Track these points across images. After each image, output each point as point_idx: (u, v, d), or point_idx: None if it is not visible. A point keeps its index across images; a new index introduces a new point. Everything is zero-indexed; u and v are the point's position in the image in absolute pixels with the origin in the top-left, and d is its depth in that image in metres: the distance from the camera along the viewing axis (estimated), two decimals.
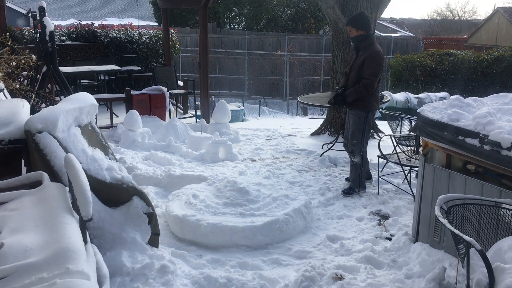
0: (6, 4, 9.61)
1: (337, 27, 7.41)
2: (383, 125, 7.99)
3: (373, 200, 4.88)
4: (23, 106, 3.68)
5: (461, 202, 2.69)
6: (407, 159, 5.09)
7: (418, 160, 4.84)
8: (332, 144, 6.83)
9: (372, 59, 4.71)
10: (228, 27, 21.03)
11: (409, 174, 5.05)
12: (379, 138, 5.12)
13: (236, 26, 21.76)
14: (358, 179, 5.06)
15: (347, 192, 5.03)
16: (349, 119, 5.09)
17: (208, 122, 8.27)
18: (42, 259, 1.83)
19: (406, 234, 3.86)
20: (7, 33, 9.04)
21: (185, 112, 9.85)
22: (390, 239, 3.95)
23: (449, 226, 2.32)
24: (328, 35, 17.29)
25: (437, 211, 2.49)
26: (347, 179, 5.48)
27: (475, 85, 13.05)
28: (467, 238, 2.19)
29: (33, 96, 4.81)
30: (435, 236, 3.51)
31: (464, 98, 3.60)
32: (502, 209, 2.65)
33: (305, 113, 13.68)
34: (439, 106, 3.53)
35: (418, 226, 3.69)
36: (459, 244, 2.35)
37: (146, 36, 11.60)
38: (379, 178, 5.22)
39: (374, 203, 4.81)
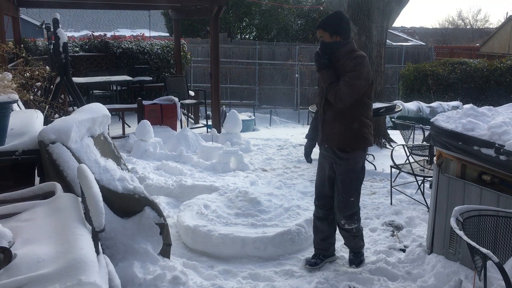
0: (21, 16, 9.77)
1: None
2: (395, 135, 7.93)
3: (386, 211, 4.83)
4: (36, 117, 3.71)
5: (476, 213, 2.64)
6: (420, 169, 5.04)
7: (431, 170, 4.79)
8: None
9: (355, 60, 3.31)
10: (239, 37, 21.12)
11: (422, 185, 4.99)
12: (392, 148, 5.08)
13: (247, 36, 21.84)
14: (362, 241, 3.70)
15: (358, 263, 3.64)
16: (330, 165, 3.52)
17: (219, 132, 8.28)
18: (55, 270, 1.82)
19: (421, 246, 3.81)
20: (22, 45, 9.17)
21: (196, 122, 9.88)
22: (404, 250, 3.90)
23: (465, 238, 2.28)
24: None
25: (452, 222, 2.44)
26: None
27: (488, 94, 12.93)
28: (484, 250, 2.14)
29: (47, 107, 4.85)
30: (451, 247, 3.45)
31: (478, 107, 3.56)
32: None
33: None
34: (453, 115, 3.50)
35: (433, 237, 3.63)
36: (475, 257, 2.30)
37: (158, 47, 11.69)
38: (392, 188, 5.16)
39: (387, 214, 4.76)
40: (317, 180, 3.68)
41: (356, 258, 3.65)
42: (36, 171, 3.31)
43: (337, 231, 3.74)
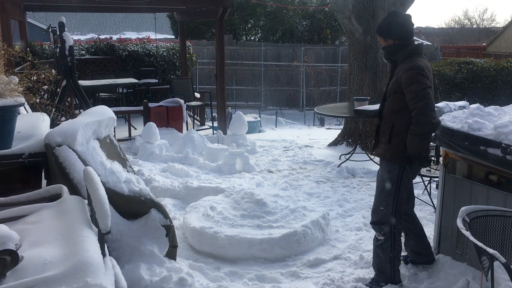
0: (27, 20, 9.83)
1: (353, 37, 7.38)
2: None
3: None
4: (43, 120, 3.73)
5: (483, 213, 2.63)
6: (426, 170, 5.01)
7: (437, 170, 4.77)
8: (349, 155, 6.77)
9: (407, 74, 3.11)
10: (244, 38, 21.13)
11: (429, 185, 4.97)
12: None
13: (252, 38, 21.85)
14: (389, 269, 3.27)
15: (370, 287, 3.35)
16: (379, 168, 3.45)
17: (225, 133, 8.28)
18: (61, 273, 1.83)
19: None
20: (28, 48, 9.23)
21: (202, 123, 9.89)
22: None
23: (472, 238, 2.26)
24: (344, 45, 17.24)
25: (459, 223, 2.43)
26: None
27: (495, 94, 12.86)
28: (491, 251, 2.13)
29: (53, 110, 4.88)
30: (458, 248, 3.43)
31: (484, 107, 3.54)
32: None
33: (322, 124, 13.61)
34: (459, 115, 3.48)
35: (440, 238, 3.62)
36: (482, 257, 2.29)
37: (163, 49, 11.73)
38: None
39: None
40: None
41: (371, 282, 3.34)
42: (43, 173, 3.33)
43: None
